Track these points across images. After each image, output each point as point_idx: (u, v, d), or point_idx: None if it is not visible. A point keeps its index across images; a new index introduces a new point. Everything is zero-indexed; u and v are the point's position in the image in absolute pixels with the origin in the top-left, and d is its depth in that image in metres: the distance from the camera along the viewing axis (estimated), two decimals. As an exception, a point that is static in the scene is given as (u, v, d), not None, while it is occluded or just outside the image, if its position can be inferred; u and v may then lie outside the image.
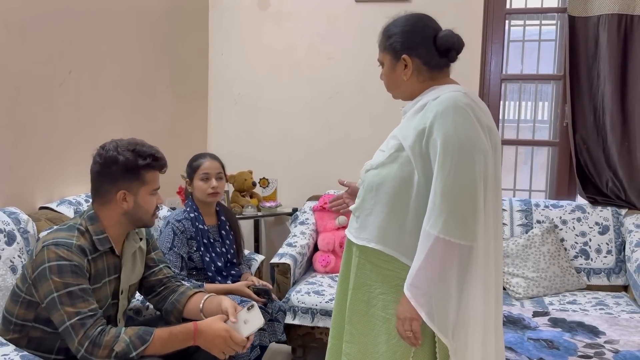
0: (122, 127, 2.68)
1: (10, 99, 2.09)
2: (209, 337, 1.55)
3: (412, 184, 1.37)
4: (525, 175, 3.51)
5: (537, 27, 3.37)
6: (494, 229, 1.38)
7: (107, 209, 1.64)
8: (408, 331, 1.33)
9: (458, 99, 1.34)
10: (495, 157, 1.39)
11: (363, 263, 1.47)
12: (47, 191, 2.30)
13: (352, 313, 1.49)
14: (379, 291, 1.43)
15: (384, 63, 1.50)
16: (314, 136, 3.45)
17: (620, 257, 2.82)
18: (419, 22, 1.46)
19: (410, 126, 1.40)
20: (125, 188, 1.61)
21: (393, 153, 1.41)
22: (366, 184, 1.47)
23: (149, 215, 1.68)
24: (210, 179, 2.29)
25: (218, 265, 2.28)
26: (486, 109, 1.43)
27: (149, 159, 1.63)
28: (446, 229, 1.26)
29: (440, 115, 1.32)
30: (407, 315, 1.32)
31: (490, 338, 1.39)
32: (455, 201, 1.27)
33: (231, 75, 3.55)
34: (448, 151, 1.29)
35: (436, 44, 1.43)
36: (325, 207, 3.06)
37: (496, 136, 1.41)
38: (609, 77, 2.87)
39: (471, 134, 1.31)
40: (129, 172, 1.61)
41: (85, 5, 2.45)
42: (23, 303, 1.56)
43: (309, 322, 2.50)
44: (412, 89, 1.46)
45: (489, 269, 1.37)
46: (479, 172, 1.29)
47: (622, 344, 2.08)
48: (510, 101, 3.68)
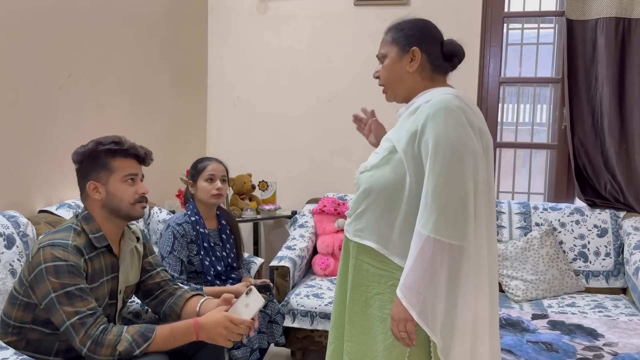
0: (121, 130, 2.65)
1: (9, 103, 2.09)
2: (211, 327, 1.55)
3: (404, 186, 1.39)
4: (523, 177, 3.52)
5: (535, 31, 3.39)
6: (486, 230, 1.39)
7: (89, 206, 1.65)
8: (402, 332, 1.34)
9: (449, 101, 1.37)
10: (487, 159, 1.41)
11: (360, 264, 1.49)
12: (46, 194, 2.30)
13: (352, 313, 1.51)
14: (375, 291, 1.45)
15: (386, 56, 1.51)
16: (313, 139, 3.45)
17: (619, 259, 2.83)
18: (429, 25, 1.52)
19: (403, 129, 1.42)
20: (94, 179, 1.62)
21: (386, 155, 1.44)
22: (360, 186, 1.49)
23: (125, 204, 1.63)
24: (215, 180, 2.30)
25: (218, 269, 2.28)
26: (478, 111, 1.45)
27: (111, 145, 1.62)
28: (437, 228, 1.28)
29: (431, 117, 1.34)
30: (401, 316, 1.33)
31: (484, 340, 1.40)
32: (446, 201, 1.29)
33: (230, 78, 3.55)
34: (439, 152, 1.31)
35: (442, 49, 1.48)
36: (324, 209, 3.06)
37: (488, 138, 1.44)
38: (607, 80, 2.88)
39: (462, 135, 1.33)
40: (93, 161, 1.62)
41: (84, 9, 2.46)
42: (21, 305, 1.56)
43: (308, 325, 2.50)
44: (413, 85, 1.48)
45: (481, 269, 1.38)
46: (469, 172, 1.31)
47: (620, 346, 2.08)
48: (509, 104, 3.70)
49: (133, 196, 1.65)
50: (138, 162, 1.69)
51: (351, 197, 3.19)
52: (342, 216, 3.07)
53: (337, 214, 3.06)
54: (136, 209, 1.67)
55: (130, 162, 1.66)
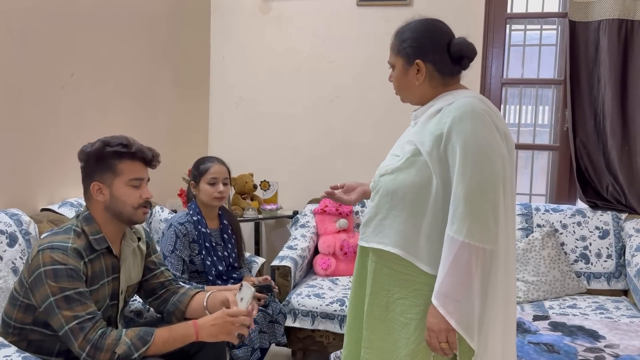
0: (124, 129, 2.65)
1: (12, 102, 2.10)
2: (210, 325, 1.55)
3: (430, 189, 1.36)
4: (525, 179, 3.52)
5: (537, 32, 3.38)
6: (512, 233, 1.39)
7: (91, 206, 1.63)
8: (443, 343, 1.31)
9: (475, 105, 1.35)
10: (511, 162, 1.39)
11: (380, 268, 1.45)
12: (49, 193, 2.30)
13: (371, 319, 1.48)
14: (398, 295, 1.42)
15: (395, 66, 1.48)
16: (314, 139, 3.45)
17: (621, 261, 2.82)
18: (433, 29, 1.46)
19: (425, 131, 1.39)
20: (98, 180, 1.60)
21: (410, 158, 1.40)
22: (381, 189, 1.45)
23: (128, 208, 1.61)
24: (218, 183, 2.29)
25: (219, 269, 2.28)
26: (500, 115, 1.43)
27: (118, 147, 1.59)
28: (471, 233, 1.26)
29: (458, 121, 1.32)
30: (442, 327, 1.30)
31: (512, 341, 1.39)
32: (478, 206, 1.27)
33: (232, 78, 3.56)
34: (468, 156, 1.29)
35: (450, 51, 1.43)
36: (325, 210, 3.07)
37: (512, 141, 1.42)
38: (609, 81, 2.88)
39: (490, 138, 1.32)
40: (100, 162, 1.59)
41: (87, 9, 2.46)
42: (21, 307, 1.55)
43: (310, 325, 2.50)
44: (424, 94, 1.46)
45: (510, 273, 1.37)
46: (498, 176, 1.30)
47: (622, 348, 2.08)
48: (511, 105, 3.70)
49: (137, 200, 1.62)
50: (145, 165, 1.66)
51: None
52: (344, 216, 3.08)
53: (339, 214, 3.06)
54: (138, 214, 1.64)
55: (137, 166, 1.63)
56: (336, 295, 2.56)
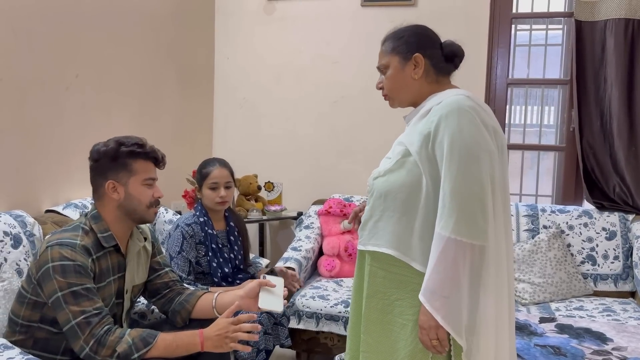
0: (128, 130, 2.66)
1: (17, 103, 2.10)
2: (213, 335, 1.55)
3: (421, 188, 1.38)
4: (531, 180, 3.50)
5: (543, 32, 3.37)
6: (504, 230, 1.38)
7: (103, 205, 1.65)
8: (434, 340, 1.32)
9: (462, 102, 1.36)
10: (501, 159, 1.40)
11: (375, 271, 1.46)
12: (53, 194, 2.31)
13: (368, 322, 1.48)
14: (395, 297, 1.43)
15: (388, 67, 1.50)
16: (319, 140, 3.45)
17: (628, 263, 2.80)
18: (427, 29, 1.52)
19: (414, 131, 1.41)
20: (113, 178, 1.63)
21: (400, 159, 1.42)
22: (375, 192, 1.47)
23: (142, 206, 1.66)
24: (219, 188, 2.27)
25: (225, 270, 2.27)
26: (490, 111, 1.44)
27: (133, 147, 1.64)
28: (458, 229, 1.26)
29: (445, 118, 1.34)
30: (432, 324, 1.31)
31: (504, 340, 1.38)
32: (465, 201, 1.27)
33: (236, 79, 3.55)
34: (455, 152, 1.30)
35: (442, 51, 1.48)
36: (330, 211, 3.06)
37: (502, 138, 1.43)
38: (615, 81, 2.86)
39: (476, 135, 1.32)
40: (115, 161, 1.63)
41: (92, 10, 2.47)
42: (29, 304, 1.57)
43: (314, 326, 2.49)
44: (420, 90, 1.47)
45: (501, 269, 1.36)
46: (485, 172, 1.30)
47: (630, 351, 2.06)
48: (517, 106, 3.68)
49: (150, 199, 1.67)
50: (155, 166, 1.71)
51: (357, 198, 3.19)
52: (348, 217, 3.06)
53: (343, 215, 3.05)
54: (150, 213, 1.69)
55: (150, 165, 1.69)
56: (341, 297, 2.55)
